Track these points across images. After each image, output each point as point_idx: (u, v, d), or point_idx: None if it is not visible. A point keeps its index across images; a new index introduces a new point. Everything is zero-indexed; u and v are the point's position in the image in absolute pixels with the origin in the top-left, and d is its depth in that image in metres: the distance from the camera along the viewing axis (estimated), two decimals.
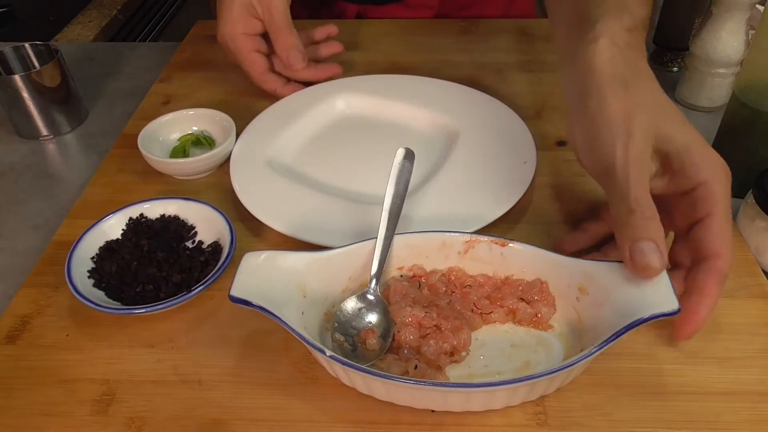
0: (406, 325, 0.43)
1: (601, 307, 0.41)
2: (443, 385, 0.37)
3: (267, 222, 0.53)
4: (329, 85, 0.71)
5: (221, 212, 0.52)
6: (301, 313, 0.42)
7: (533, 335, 0.44)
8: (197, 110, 0.66)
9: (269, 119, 0.66)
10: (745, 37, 0.65)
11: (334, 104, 0.69)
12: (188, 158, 0.61)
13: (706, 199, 0.41)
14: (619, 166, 0.40)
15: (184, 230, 0.53)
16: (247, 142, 0.62)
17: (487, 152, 0.59)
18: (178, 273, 0.49)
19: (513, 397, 0.40)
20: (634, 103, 0.41)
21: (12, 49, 0.70)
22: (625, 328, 0.38)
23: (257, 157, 0.60)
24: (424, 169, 0.59)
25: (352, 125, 0.67)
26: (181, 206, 0.54)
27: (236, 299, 0.40)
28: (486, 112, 0.65)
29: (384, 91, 0.69)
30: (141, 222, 0.53)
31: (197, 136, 0.65)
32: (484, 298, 0.45)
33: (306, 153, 0.63)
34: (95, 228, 0.52)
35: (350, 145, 0.64)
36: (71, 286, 0.46)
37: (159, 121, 0.64)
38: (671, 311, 0.38)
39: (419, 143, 0.62)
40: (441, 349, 0.42)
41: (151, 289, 0.48)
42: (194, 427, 0.41)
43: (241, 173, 0.58)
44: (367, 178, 0.59)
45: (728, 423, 0.40)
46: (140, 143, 0.60)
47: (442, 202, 0.54)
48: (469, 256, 0.46)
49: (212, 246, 0.51)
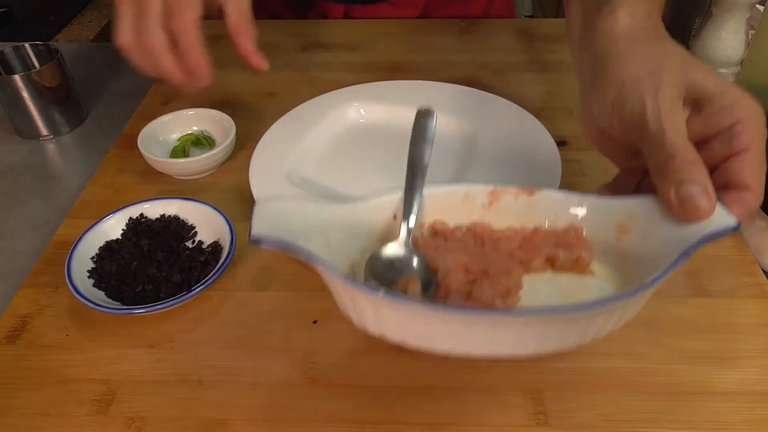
0: (452, 271, 0.39)
1: (650, 240, 0.39)
2: (533, 312, 0.33)
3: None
4: (341, 93, 0.70)
5: (221, 212, 0.52)
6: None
7: (577, 281, 0.40)
8: (197, 110, 0.66)
9: (282, 130, 0.65)
10: (745, 37, 0.65)
11: (346, 113, 0.68)
12: (188, 158, 0.61)
13: (743, 135, 0.39)
14: (650, 117, 0.39)
15: (184, 230, 0.53)
16: (264, 155, 0.61)
17: (509, 157, 0.59)
18: (178, 273, 0.49)
19: (589, 328, 0.35)
20: (658, 59, 0.40)
21: (12, 49, 0.70)
22: (690, 247, 0.35)
23: (276, 171, 0.59)
24: (445, 178, 0.59)
25: (366, 134, 0.67)
26: (181, 206, 0.54)
27: (259, 239, 0.35)
28: (503, 115, 0.64)
29: (395, 97, 0.68)
30: (141, 222, 0.53)
31: (197, 136, 0.65)
32: (517, 248, 0.42)
33: (324, 164, 0.62)
34: (95, 228, 0.52)
35: (367, 155, 0.64)
36: (71, 286, 0.46)
37: (159, 121, 0.64)
38: (733, 226, 0.36)
39: (437, 150, 0.61)
40: (495, 292, 0.38)
41: (151, 289, 0.48)
42: (194, 427, 0.41)
43: (262, 189, 0.57)
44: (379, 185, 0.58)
45: (728, 423, 0.40)
46: (140, 143, 0.60)
47: None
48: (494, 209, 0.42)
49: (212, 246, 0.51)
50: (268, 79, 0.76)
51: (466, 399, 0.42)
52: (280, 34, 0.86)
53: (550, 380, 0.43)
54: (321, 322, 0.47)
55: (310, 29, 0.87)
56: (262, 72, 0.78)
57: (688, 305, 0.47)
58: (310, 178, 0.60)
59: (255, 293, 0.50)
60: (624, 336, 0.45)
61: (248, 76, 0.77)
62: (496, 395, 0.42)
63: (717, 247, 0.52)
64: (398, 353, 0.45)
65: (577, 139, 0.64)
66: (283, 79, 0.76)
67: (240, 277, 0.51)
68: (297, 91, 0.74)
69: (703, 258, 0.51)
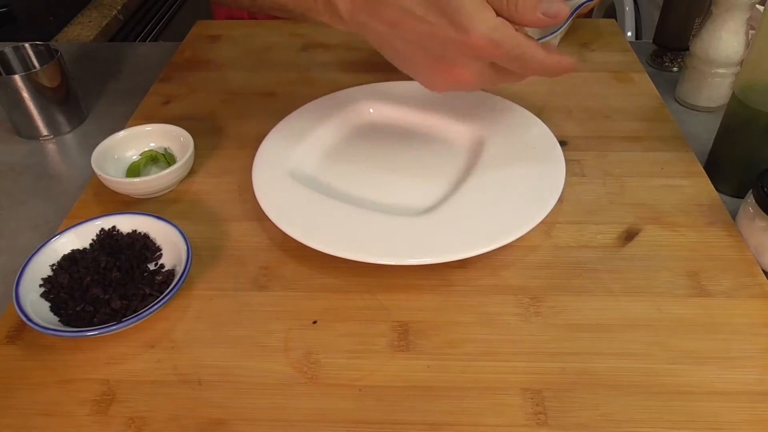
0: None
1: None
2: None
3: (295, 236, 0.51)
4: (351, 93, 0.69)
5: (186, 240, 0.50)
6: None
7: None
8: (154, 126, 0.63)
9: (291, 127, 0.64)
10: (745, 37, 0.65)
11: (356, 111, 0.67)
12: (140, 178, 0.58)
13: None
14: None
15: (149, 251, 0.51)
16: (269, 150, 0.61)
17: (513, 161, 0.58)
18: (119, 299, 0.46)
19: None
20: None
21: (12, 49, 0.70)
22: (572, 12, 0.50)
23: (279, 166, 0.58)
24: (452, 178, 0.59)
25: (373, 133, 0.66)
26: (153, 225, 0.52)
27: None
28: (510, 119, 0.64)
29: (403, 98, 0.68)
30: (112, 235, 0.52)
31: (156, 153, 0.62)
32: None
33: (329, 162, 0.62)
34: (64, 234, 0.50)
35: (373, 154, 0.63)
36: (14, 289, 0.46)
37: (114, 137, 0.61)
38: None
39: (444, 151, 0.62)
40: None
41: (90, 311, 0.46)
42: (194, 427, 0.41)
43: (263, 184, 0.56)
44: (392, 188, 0.58)
45: (728, 423, 0.40)
46: (94, 162, 0.58)
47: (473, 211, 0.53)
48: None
49: (165, 275, 0.49)
50: (268, 79, 0.77)
51: (465, 399, 0.42)
52: (280, 34, 0.86)
53: (550, 380, 0.43)
54: (321, 322, 0.47)
55: (310, 29, 0.87)
56: (262, 72, 0.78)
57: (688, 305, 0.47)
58: (314, 175, 0.60)
59: (255, 293, 0.50)
60: (624, 336, 0.45)
61: (248, 76, 0.77)
62: (496, 395, 0.42)
63: (717, 247, 0.52)
64: (398, 353, 0.45)
65: (577, 139, 0.65)
66: (283, 79, 0.76)
67: (240, 277, 0.51)
68: (297, 91, 0.74)
69: (703, 258, 0.51)
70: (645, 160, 0.61)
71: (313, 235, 0.51)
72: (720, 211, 0.55)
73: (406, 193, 0.57)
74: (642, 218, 0.55)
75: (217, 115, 0.71)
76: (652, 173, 0.60)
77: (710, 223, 0.54)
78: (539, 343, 0.45)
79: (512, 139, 0.61)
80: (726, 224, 0.54)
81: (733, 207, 0.55)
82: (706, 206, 0.56)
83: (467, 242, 0.49)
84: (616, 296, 0.48)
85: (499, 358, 0.44)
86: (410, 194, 0.57)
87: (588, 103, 0.70)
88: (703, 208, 0.56)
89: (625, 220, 0.55)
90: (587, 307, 0.47)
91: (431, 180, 0.59)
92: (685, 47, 0.76)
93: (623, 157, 0.62)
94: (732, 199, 0.58)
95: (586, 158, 0.62)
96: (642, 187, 0.58)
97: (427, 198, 0.56)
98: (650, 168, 0.60)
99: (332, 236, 0.51)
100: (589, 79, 0.74)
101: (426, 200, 0.56)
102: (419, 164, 0.61)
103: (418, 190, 0.57)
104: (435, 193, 0.57)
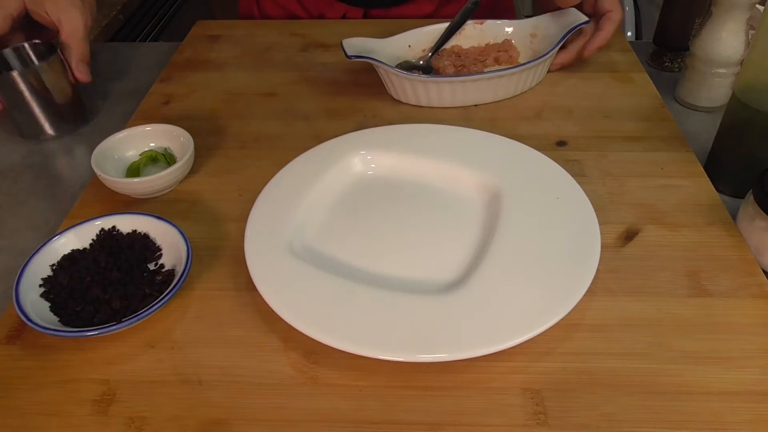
0: (447, 66, 0.73)
1: (547, 39, 0.73)
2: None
3: (298, 326, 0.45)
4: (343, 142, 0.62)
5: (186, 240, 0.49)
6: None
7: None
8: (154, 126, 0.63)
9: (282, 190, 0.56)
10: (745, 37, 0.65)
11: (351, 165, 0.60)
12: (140, 178, 0.57)
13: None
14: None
15: (149, 251, 0.51)
16: (262, 219, 0.53)
17: (539, 217, 0.52)
18: (119, 299, 0.46)
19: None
20: None
21: (12, 49, 0.70)
22: (564, 36, 0.70)
23: (276, 240, 0.51)
24: (473, 245, 0.52)
25: (374, 190, 0.58)
26: (154, 224, 0.52)
27: (350, 55, 0.67)
28: (522, 162, 0.58)
29: (403, 145, 0.61)
30: (112, 235, 0.52)
31: (156, 153, 0.62)
32: (478, 55, 0.74)
33: (328, 230, 0.54)
34: (66, 233, 0.51)
35: (377, 217, 0.55)
36: (14, 289, 0.46)
37: (114, 138, 0.61)
38: (585, 21, 0.71)
39: (456, 207, 0.55)
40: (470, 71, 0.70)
41: (90, 311, 0.46)
42: (194, 427, 0.41)
43: (259, 262, 0.49)
44: (396, 258, 0.51)
45: (728, 423, 0.40)
46: (94, 162, 0.58)
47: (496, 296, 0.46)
48: (461, 36, 0.76)
49: (165, 275, 0.49)
50: (268, 79, 0.77)
51: (466, 399, 0.42)
52: (280, 34, 0.86)
53: (550, 380, 0.43)
54: None
55: (310, 29, 0.87)
56: (263, 72, 0.78)
57: (688, 305, 0.47)
58: (313, 246, 0.52)
59: (255, 293, 0.50)
60: (624, 336, 0.45)
61: (248, 75, 0.77)
62: (496, 395, 0.42)
63: (717, 247, 0.52)
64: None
65: (577, 139, 0.65)
66: (283, 79, 0.76)
67: (240, 277, 0.51)
68: (297, 91, 0.74)
69: (703, 258, 0.51)
70: (645, 160, 0.61)
71: (336, 334, 0.44)
72: (720, 211, 0.55)
73: (425, 265, 0.50)
74: (642, 218, 0.55)
75: (217, 115, 0.71)
76: (652, 173, 0.60)
77: (710, 223, 0.54)
78: (539, 343, 0.45)
79: (531, 188, 0.55)
80: (726, 224, 0.54)
81: (733, 207, 0.55)
82: (706, 206, 0.56)
83: (507, 328, 0.43)
84: (616, 296, 0.48)
85: (499, 357, 0.44)
86: (430, 267, 0.50)
87: (588, 103, 0.70)
88: (703, 208, 0.56)
89: (625, 220, 0.55)
90: (587, 307, 0.47)
91: (450, 246, 0.52)
92: (685, 47, 0.76)
93: (623, 157, 0.62)
94: (732, 199, 0.58)
95: (586, 158, 0.62)
96: (642, 187, 0.58)
97: (450, 270, 0.49)
98: (650, 168, 0.60)
99: (357, 332, 0.44)
100: (589, 79, 0.74)
101: (448, 273, 0.49)
102: (432, 227, 0.54)
103: (437, 262, 0.50)
104: (458, 264, 0.50)
